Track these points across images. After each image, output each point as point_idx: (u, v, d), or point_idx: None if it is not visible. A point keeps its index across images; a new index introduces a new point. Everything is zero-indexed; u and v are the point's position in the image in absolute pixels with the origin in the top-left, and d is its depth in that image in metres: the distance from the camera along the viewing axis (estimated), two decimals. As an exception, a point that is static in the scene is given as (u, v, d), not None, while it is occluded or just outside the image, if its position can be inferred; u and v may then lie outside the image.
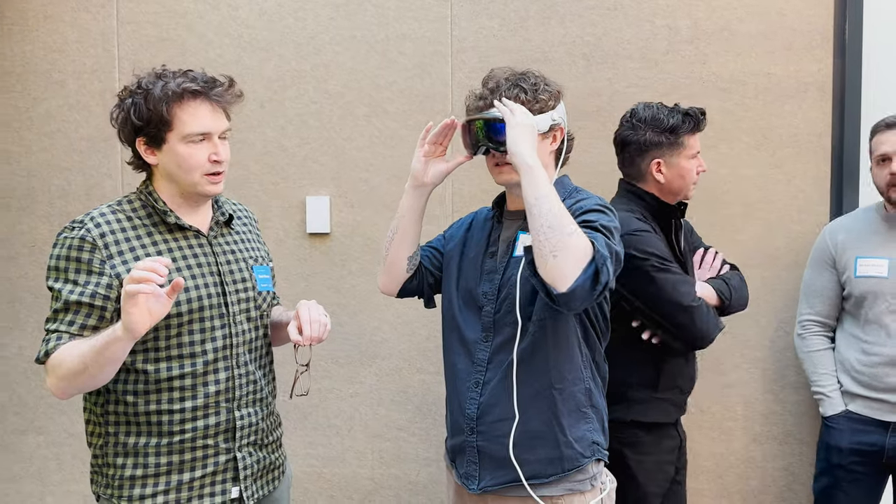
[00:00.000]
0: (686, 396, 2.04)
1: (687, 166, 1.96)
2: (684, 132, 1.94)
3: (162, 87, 1.51)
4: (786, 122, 2.43)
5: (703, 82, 2.45)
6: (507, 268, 1.65)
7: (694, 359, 2.05)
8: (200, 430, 1.55)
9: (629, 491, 1.93)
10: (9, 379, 2.71)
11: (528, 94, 1.60)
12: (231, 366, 1.59)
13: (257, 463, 1.65)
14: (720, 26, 2.44)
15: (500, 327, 1.63)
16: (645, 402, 1.93)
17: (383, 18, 2.54)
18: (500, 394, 1.62)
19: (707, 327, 1.87)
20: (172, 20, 2.60)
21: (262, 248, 1.77)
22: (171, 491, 1.55)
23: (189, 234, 1.61)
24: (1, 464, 2.74)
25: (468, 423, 1.65)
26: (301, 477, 2.61)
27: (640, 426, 1.94)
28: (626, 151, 2.00)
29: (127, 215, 1.57)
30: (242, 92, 1.63)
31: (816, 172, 2.43)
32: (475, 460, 1.66)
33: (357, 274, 2.58)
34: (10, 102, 2.67)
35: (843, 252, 2.20)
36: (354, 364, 2.60)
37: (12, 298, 2.70)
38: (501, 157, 1.60)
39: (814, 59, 2.42)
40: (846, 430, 2.17)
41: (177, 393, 1.54)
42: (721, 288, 2.02)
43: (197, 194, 1.59)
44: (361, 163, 2.57)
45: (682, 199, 2.04)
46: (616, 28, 2.47)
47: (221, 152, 1.57)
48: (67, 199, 2.66)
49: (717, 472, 2.50)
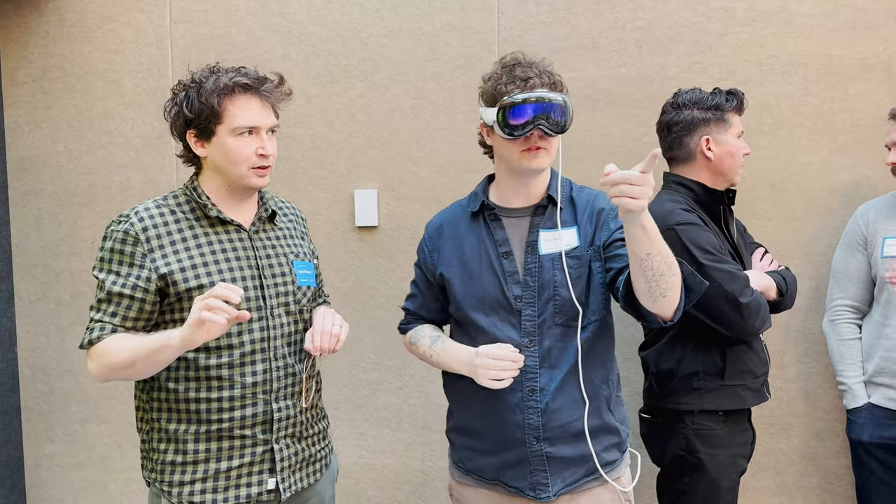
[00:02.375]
0: (762, 380, 1.97)
1: (736, 144, 1.97)
2: (729, 109, 1.96)
3: (214, 80, 1.56)
4: (849, 105, 2.33)
5: (761, 66, 2.36)
6: (539, 269, 1.61)
7: (760, 341, 1.99)
8: (237, 420, 1.58)
9: (700, 485, 1.90)
10: (72, 370, 2.82)
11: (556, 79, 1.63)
12: (269, 358, 1.61)
13: (295, 455, 1.66)
14: (778, 7, 2.35)
15: (547, 329, 1.60)
16: (714, 391, 1.90)
17: (429, 10, 2.53)
18: (563, 396, 1.60)
19: (755, 325, 1.84)
20: (223, 18, 2.64)
21: (305, 245, 1.78)
22: (209, 479, 1.58)
23: (230, 228, 1.64)
24: (65, 452, 2.85)
25: (532, 434, 1.60)
26: (351, 468, 2.64)
27: (714, 416, 1.91)
28: (672, 133, 2.00)
29: (171, 209, 1.62)
30: (291, 91, 1.67)
31: (883, 158, 2.32)
32: (543, 468, 1.61)
33: (405, 267, 2.58)
34: (72, 102, 2.76)
35: (874, 233, 2.11)
36: (404, 356, 2.61)
37: (75, 293, 2.79)
38: (541, 141, 1.57)
39: (879, 39, 2.30)
40: (868, 424, 2.09)
41: (214, 382, 1.57)
42: (780, 282, 2.00)
43: (243, 187, 1.62)
44: (408, 155, 2.57)
45: (730, 183, 2.00)
46: (668, 12, 2.40)
47: (268, 147, 1.60)
48: (126, 194, 2.74)
49: (776, 469, 2.42)
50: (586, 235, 1.64)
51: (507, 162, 1.63)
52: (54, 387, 2.83)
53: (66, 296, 2.80)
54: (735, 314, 1.80)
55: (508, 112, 1.55)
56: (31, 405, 2.87)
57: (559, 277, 1.60)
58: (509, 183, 1.67)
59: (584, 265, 1.62)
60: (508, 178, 1.67)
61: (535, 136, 1.57)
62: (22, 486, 2.87)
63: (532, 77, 1.58)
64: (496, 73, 1.62)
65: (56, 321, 2.82)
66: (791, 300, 2.05)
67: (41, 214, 2.81)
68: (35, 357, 2.85)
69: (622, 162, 2.40)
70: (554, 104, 1.54)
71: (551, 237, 1.62)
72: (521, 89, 1.56)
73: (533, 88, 1.56)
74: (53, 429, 2.85)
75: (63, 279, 2.80)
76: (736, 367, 1.91)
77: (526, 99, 1.54)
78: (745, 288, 1.82)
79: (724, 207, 1.99)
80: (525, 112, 1.54)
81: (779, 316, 2.37)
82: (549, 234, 1.63)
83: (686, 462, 1.91)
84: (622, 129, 2.42)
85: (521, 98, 1.54)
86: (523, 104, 1.54)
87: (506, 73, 1.60)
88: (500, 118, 1.56)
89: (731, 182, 2.01)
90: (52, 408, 2.84)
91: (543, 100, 1.53)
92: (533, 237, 1.64)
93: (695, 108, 1.96)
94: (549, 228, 1.63)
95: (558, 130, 1.55)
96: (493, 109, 1.59)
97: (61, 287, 2.80)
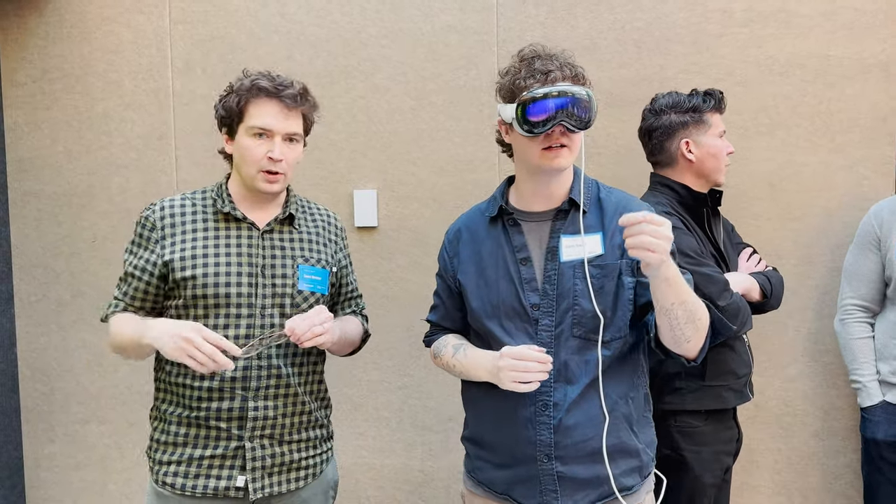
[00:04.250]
0: (743, 380, 1.99)
1: (717, 144, 1.97)
2: (707, 110, 1.97)
3: (242, 82, 1.64)
4: (847, 105, 2.34)
5: (759, 66, 2.37)
6: (559, 277, 1.52)
7: (742, 342, 2.01)
8: (213, 411, 1.62)
9: (685, 482, 1.91)
10: (73, 370, 2.82)
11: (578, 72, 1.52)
12: (251, 355, 1.62)
13: (272, 458, 1.65)
14: (776, 7, 2.36)
15: (565, 340, 1.50)
16: (697, 391, 1.92)
17: (429, 10, 2.54)
18: (578, 413, 1.50)
19: (733, 325, 1.84)
20: (223, 19, 2.65)
21: (326, 252, 1.75)
22: (184, 463, 1.63)
23: (243, 226, 1.68)
24: (65, 452, 2.85)
25: (543, 451, 1.51)
26: (351, 468, 2.64)
27: (697, 415, 1.92)
28: (653, 139, 2.02)
29: (193, 202, 1.70)
30: (317, 104, 1.72)
31: (881, 158, 2.33)
32: (554, 487, 1.52)
33: (405, 267, 2.59)
34: (71, 103, 2.76)
35: (889, 233, 2.11)
36: (403, 356, 2.61)
37: (75, 293, 2.80)
38: (563, 138, 1.48)
39: (877, 40, 2.31)
40: (882, 422, 2.09)
41: (198, 371, 1.58)
42: (764, 283, 2.01)
43: (255, 189, 1.66)
44: (408, 156, 2.57)
45: (715, 183, 2.01)
46: (667, 12, 2.41)
47: (279, 152, 1.61)
48: (126, 195, 2.74)
49: (775, 469, 2.43)
50: (615, 244, 1.53)
51: (527, 161, 1.54)
52: (54, 387, 2.83)
53: (66, 296, 2.80)
54: (714, 316, 1.80)
55: (528, 107, 1.45)
56: (30, 405, 2.87)
57: (580, 286, 1.50)
58: (529, 184, 1.57)
59: (611, 275, 1.51)
60: (528, 178, 1.57)
61: (556, 132, 1.47)
62: (21, 486, 2.87)
63: (553, 70, 1.48)
64: (514, 66, 1.53)
65: (56, 321, 2.82)
66: (777, 301, 2.06)
67: (41, 215, 2.81)
68: (35, 357, 2.85)
69: (623, 162, 2.41)
70: (577, 98, 1.44)
71: (574, 243, 1.52)
72: (542, 83, 1.47)
73: (554, 82, 1.46)
74: (53, 429, 2.85)
75: (63, 279, 2.80)
76: (718, 368, 1.93)
77: (547, 94, 1.44)
78: (723, 291, 1.82)
79: (707, 209, 2.01)
80: (546, 107, 1.44)
81: (777, 316, 2.38)
82: (571, 239, 1.52)
83: (671, 461, 1.93)
84: (622, 130, 2.43)
85: (542, 93, 1.44)
86: (544, 99, 1.44)
87: (524, 67, 1.50)
88: (520, 114, 1.46)
89: (715, 182, 2.01)
90: (52, 408, 2.84)
91: (566, 94, 1.43)
92: (553, 243, 1.53)
93: (672, 112, 1.98)
94: (572, 234, 1.53)
95: (582, 126, 1.45)
96: (512, 105, 1.49)
97: (61, 287, 2.81)
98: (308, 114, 1.69)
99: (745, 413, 2.42)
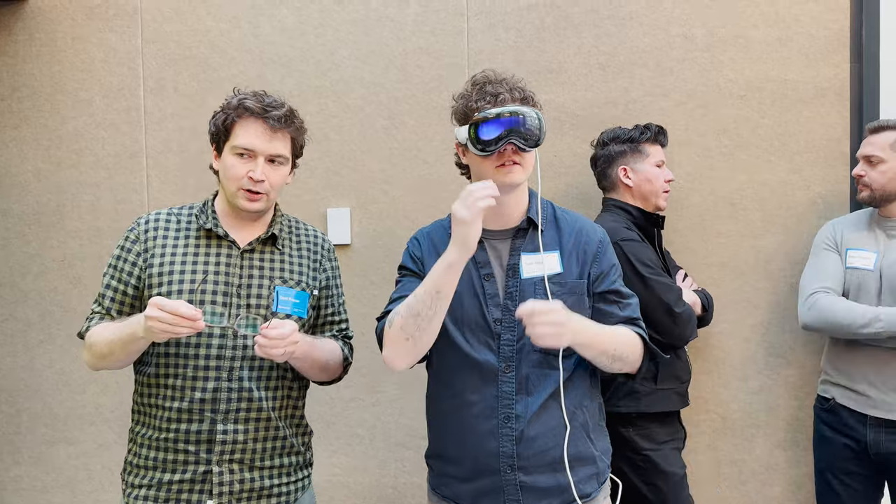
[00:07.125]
0: (686, 386, 2.18)
1: (652, 171, 2.19)
2: (643, 140, 2.21)
3: (231, 100, 1.66)
4: (803, 127, 2.44)
5: (720, 90, 2.46)
6: (520, 293, 1.57)
7: (685, 351, 2.19)
8: (182, 433, 1.60)
9: (658, 482, 2.04)
10: (40, 391, 2.78)
11: (527, 94, 1.62)
12: (221, 377, 1.60)
13: (241, 483, 1.61)
14: (735, 33, 2.45)
15: (525, 355, 1.56)
16: (650, 394, 2.07)
17: (401, 33, 2.58)
18: (539, 424, 1.55)
19: (685, 332, 2.05)
20: (195, 38, 2.66)
21: (308, 274, 1.73)
22: (153, 487, 1.62)
23: (223, 244, 1.67)
24: (31, 475, 2.80)
25: (506, 462, 1.55)
26: (325, 486, 2.64)
27: (650, 418, 2.08)
28: (598, 166, 2.28)
29: (177, 218, 1.71)
30: (305, 127, 1.72)
31: (835, 178, 2.43)
32: (517, 497, 1.56)
33: (378, 284, 2.61)
34: (41, 122, 2.75)
35: (841, 243, 2.21)
36: (376, 373, 2.63)
37: (43, 312, 2.76)
38: (515, 156, 1.54)
39: (830, 65, 2.42)
40: (831, 421, 2.20)
41: (168, 391, 1.61)
42: (703, 299, 2.25)
43: (236, 207, 1.66)
44: (381, 175, 2.61)
45: (655, 207, 2.22)
46: (631, 37, 2.49)
47: (260, 173, 1.62)
48: (96, 214, 2.72)
49: (739, 479, 2.49)
50: (572, 264, 1.61)
51: (483, 180, 1.56)
52: (21, 408, 2.78)
53: (33, 316, 2.76)
54: (670, 322, 2.00)
55: (480, 127, 1.53)
56: (-5, 428, 2.82)
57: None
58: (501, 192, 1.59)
59: (571, 293, 1.59)
60: None
61: (508, 150, 1.54)
62: (-15, 510, 2.81)
63: (502, 92, 1.56)
64: (467, 90, 1.61)
65: (24, 341, 2.78)
66: (711, 316, 2.32)
67: (9, 234, 2.78)
68: (1, 378, 2.80)
69: (588, 181, 2.47)
70: (525, 117, 1.52)
71: (533, 260, 1.59)
72: (493, 104, 1.55)
73: (504, 103, 1.55)
74: (20, 451, 2.80)
75: (31, 299, 2.77)
76: (667, 372, 2.11)
77: (499, 114, 1.52)
78: (678, 299, 2.03)
79: (658, 230, 2.21)
80: (496, 127, 1.52)
81: (740, 330, 2.46)
82: (530, 256, 1.59)
83: (639, 465, 2.04)
84: (587, 150, 2.50)
85: (494, 113, 1.52)
86: (495, 119, 1.52)
87: (476, 91, 1.59)
88: (472, 134, 1.54)
89: (655, 206, 2.22)
90: (18, 430, 2.79)
91: (515, 113, 1.51)
92: (514, 260, 1.60)
93: (613, 143, 2.23)
94: (532, 251, 1.60)
95: (532, 144, 1.53)
96: (466, 127, 1.57)
97: (29, 307, 2.77)
98: (297, 137, 1.69)
99: (710, 425, 2.48)
